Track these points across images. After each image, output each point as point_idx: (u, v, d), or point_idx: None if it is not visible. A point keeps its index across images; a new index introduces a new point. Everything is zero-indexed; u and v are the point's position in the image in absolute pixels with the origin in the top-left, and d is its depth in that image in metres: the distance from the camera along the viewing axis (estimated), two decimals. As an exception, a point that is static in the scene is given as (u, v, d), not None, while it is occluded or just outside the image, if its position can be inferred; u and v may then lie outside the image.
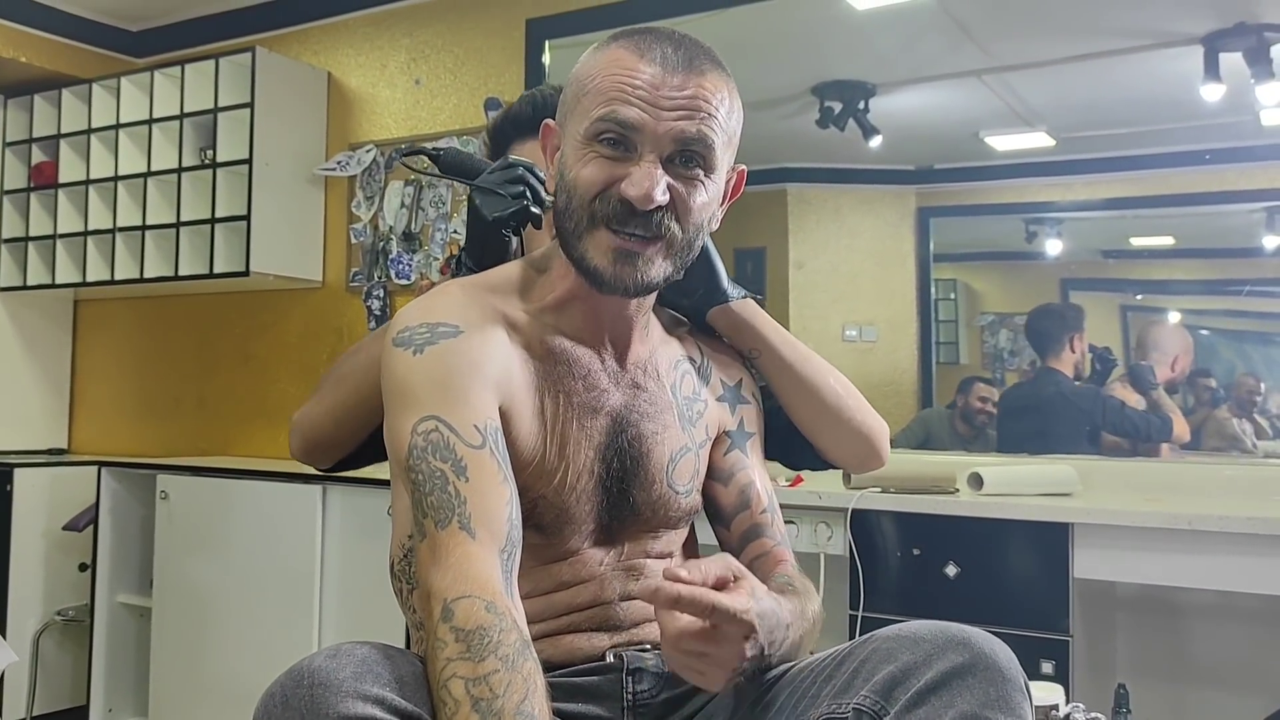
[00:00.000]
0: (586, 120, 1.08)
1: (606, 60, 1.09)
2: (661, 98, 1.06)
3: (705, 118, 1.07)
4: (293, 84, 3.71)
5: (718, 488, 1.27)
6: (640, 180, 1.06)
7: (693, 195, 1.09)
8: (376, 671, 0.93)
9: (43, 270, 4.02)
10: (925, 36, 2.96)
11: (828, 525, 2.39)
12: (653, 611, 1.17)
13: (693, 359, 1.28)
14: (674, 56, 1.07)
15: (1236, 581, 2.10)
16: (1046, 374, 2.80)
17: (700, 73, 1.08)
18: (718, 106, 1.09)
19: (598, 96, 1.08)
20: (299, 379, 3.82)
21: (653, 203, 1.06)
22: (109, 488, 3.50)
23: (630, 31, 1.11)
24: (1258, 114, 2.59)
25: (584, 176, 1.08)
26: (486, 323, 1.12)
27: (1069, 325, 2.78)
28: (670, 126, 1.06)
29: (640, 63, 1.07)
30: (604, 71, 1.08)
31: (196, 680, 3.23)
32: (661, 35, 1.10)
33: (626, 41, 1.10)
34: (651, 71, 1.07)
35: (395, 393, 1.08)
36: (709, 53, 1.12)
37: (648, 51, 1.08)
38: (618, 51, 1.09)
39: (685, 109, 1.06)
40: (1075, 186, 2.83)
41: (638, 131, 1.06)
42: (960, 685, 0.94)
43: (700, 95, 1.07)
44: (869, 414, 1.35)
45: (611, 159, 1.07)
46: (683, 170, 1.08)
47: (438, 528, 1.00)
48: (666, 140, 1.06)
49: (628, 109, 1.06)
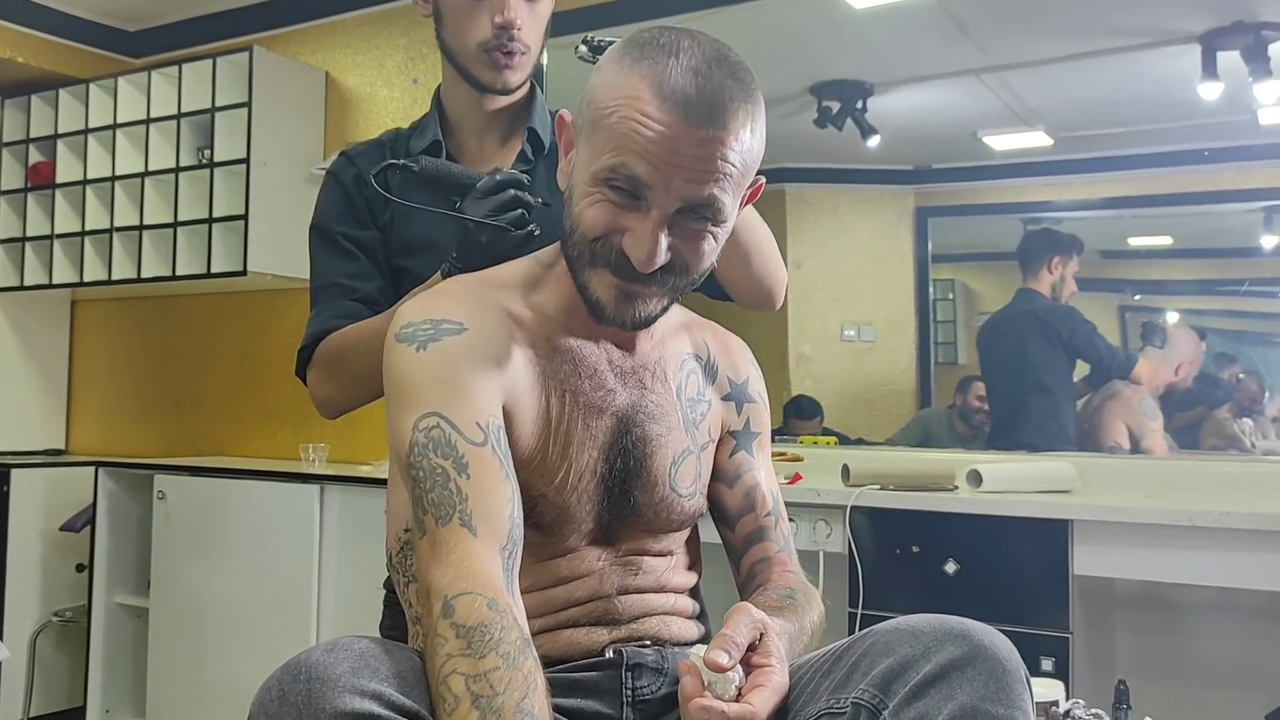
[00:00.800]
0: (597, 159, 1.03)
1: (625, 91, 1.02)
2: (676, 154, 1.00)
3: (719, 177, 1.02)
4: (290, 83, 3.71)
5: (723, 490, 1.26)
6: (642, 241, 1.03)
7: (698, 247, 1.06)
8: (375, 666, 0.92)
9: (40, 271, 4.02)
10: (923, 36, 2.96)
11: (826, 523, 2.38)
12: (651, 605, 1.17)
13: (699, 355, 1.27)
14: (696, 99, 1.00)
15: (1237, 578, 2.09)
16: (1022, 294, 2.82)
17: (722, 120, 1.01)
18: (734, 156, 1.02)
19: (610, 138, 1.02)
20: (296, 379, 3.80)
21: (653, 266, 1.04)
22: (106, 488, 3.50)
23: (653, 52, 1.03)
24: (1255, 113, 2.59)
25: (588, 218, 1.05)
26: (490, 320, 1.11)
27: (1053, 247, 2.78)
28: (681, 187, 1.01)
29: (658, 107, 1.00)
30: (620, 107, 1.02)
31: (194, 681, 3.22)
32: (686, 61, 1.01)
33: (649, 70, 1.01)
34: (668, 121, 0.99)
35: (397, 389, 1.07)
36: (735, 73, 1.03)
37: (668, 90, 1.00)
38: (638, 82, 1.01)
39: (698, 169, 1.01)
40: (1073, 186, 2.83)
41: (646, 188, 1.02)
42: (959, 677, 0.93)
43: (717, 152, 1.01)
44: (777, 268, 1.44)
45: (617, 205, 1.04)
46: (691, 224, 1.05)
47: (438, 525, 0.99)
48: (675, 199, 1.03)
49: (638, 163, 1.01)
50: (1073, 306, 2.75)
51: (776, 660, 1.03)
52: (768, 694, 1.00)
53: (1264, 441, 2.54)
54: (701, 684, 1.00)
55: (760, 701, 0.99)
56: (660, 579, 1.19)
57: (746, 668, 1.03)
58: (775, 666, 1.02)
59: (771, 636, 1.04)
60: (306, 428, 3.75)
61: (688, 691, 1.01)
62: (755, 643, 1.04)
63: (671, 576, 1.21)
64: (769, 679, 1.01)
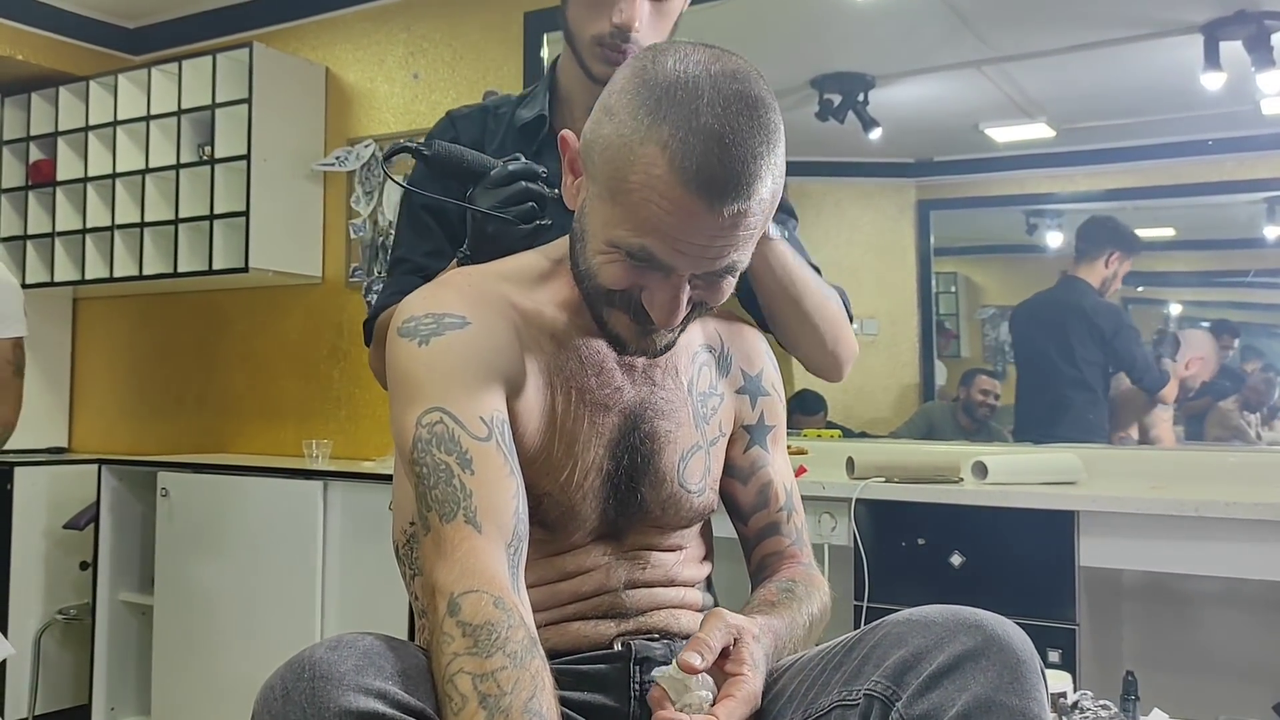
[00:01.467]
0: (615, 228, 0.99)
1: (645, 162, 0.95)
2: (699, 235, 0.96)
3: (742, 248, 1.00)
4: (290, 79, 3.70)
5: (736, 485, 1.26)
6: (664, 306, 1.02)
7: (719, 290, 1.05)
8: (379, 664, 0.91)
9: (41, 269, 4.02)
10: (924, 27, 2.96)
11: (831, 516, 2.38)
12: (660, 599, 1.17)
13: (712, 347, 1.25)
14: (721, 176, 0.94)
15: (1243, 568, 2.09)
16: (1070, 282, 2.74)
17: (747, 193, 0.95)
18: (757, 218, 0.98)
19: (630, 216, 0.97)
20: (299, 375, 3.81)
21: (674, 324, 1.04)
22: (109, 486, 3.50)
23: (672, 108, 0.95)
24: (1258, 103, 2.58)
25: (607, 274, 1.03)
26: (495, 314, 1.10)
27: (1115, 241, 2.69)
28: (707, 262, 0.99)
29: (683, 190, 0.94)
30: (641, 183, 0.96)
31: (199, 678, 3.22)
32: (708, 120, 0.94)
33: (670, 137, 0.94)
34: (692, 206, 0.94)
35: (400, 384, 1.06)
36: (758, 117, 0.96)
37: (693, 170, 0.93)
38: (658, 156, 0.95)
39: (722, 243, 0.98)
40: (1076, 178, 2.83)
41: (672, 264, 1.00)
42: (973, 668, 0.93)
43: (742, 224, 0.97)
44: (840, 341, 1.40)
45: (637, 268, 1.01)
46: (711, 278, 1.03)
47: (443, 521, 0.98)
48: (699, 269, 1.01)
49: (659, 245, 0.97)
50: (1120, 308, 2.71)
51: (749, 669, 1.02)
52: (735, 705, 1.00)
53: (1269, 432, 2.54)
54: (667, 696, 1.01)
55: (726, 713, 0.99)
56: (669, 573, 1.19)
57: (719, 675, 1.03)
58: (747, 676, 1.02)
59: (747, 643, 1.04)
60: (309, 424, 3.74)
61: (654, 699, 1.02)
62: (729, 649, 1.03)
63: (681, 570, 1.20)
64: (739, 688, 1.01)
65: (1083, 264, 2.73)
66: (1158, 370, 2.63)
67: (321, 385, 3.76)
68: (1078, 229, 2.77)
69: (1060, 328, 2.77)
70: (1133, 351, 2.68)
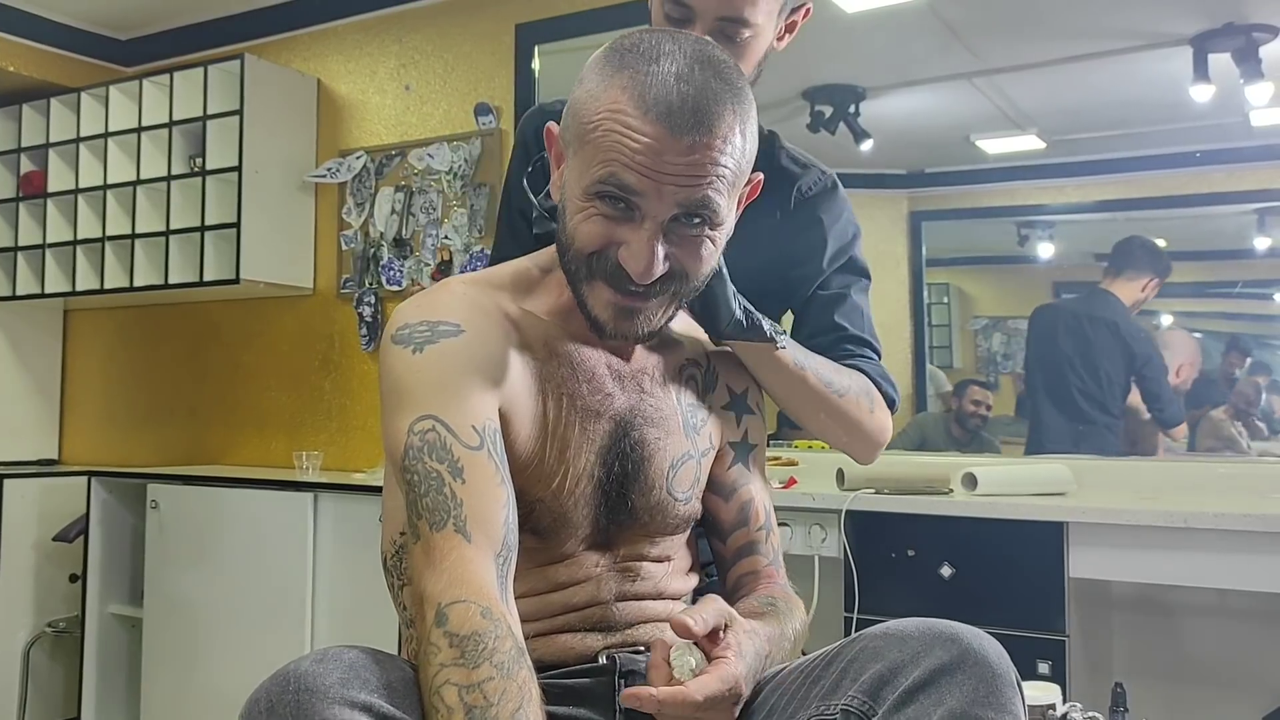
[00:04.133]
0: (587, 173, 1.03)
1: (608, 102, 1.01)
2: (664, 163, 0.99)
3: (711, 181, 1.01)
4: (282, 91, 3.70)
5: (718, 502, 1.26)
6: (639, 253, 1.02)
7: (697, 252, 1.05)
8: (365, 677, 0.91)
9: (32, 280, 4.01)
10: (915, 39, 2.97)
11: (822, 527, 2.38)
12: (648, 612, 1.17)
13: (698, 363, 1.26)
14: (679, 107, 0.99)
15: (1232, 579, 2.09)
16: (1102, 295, 2.71)
17: (708, 126, 0.99)
18: (726, 159, 1.01)
19: (597, 152, 1.01)
20: (290, 387, 3.80)
21: (651, 277, 1.03)
22: (99, 498, 3.49)
23: (634, 59, 1.01)
24: (1247, 115, 2.60)
25: (583, 232, 1.05)
26: (488, 322, 1.10)
27: (1155, 268, 2.66)
28: (674, 193, 1.00)
29: (642, 119, 0.99)
30: (604, 119, 1.01)
31: (189, 691, 3.21)
32: (668, 66, 1.00)
33: (630, 80, 1.00)
34: (653, 132, 0.99)
35: (393, 391, 1.06)
36: (721, 74, 1.02)
37: (651, 100, 0.99)
38: (619, 95, 1.00)
39: (689, 175, 1.00)
40: (1067, 189, 2.83)
41: (639, 196, 1.01)
42: (949, 682, 0.92)
43: (706, 157, 1.00)
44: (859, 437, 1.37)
45: (611, 218, 1.03)
46: (687, 230, 1.04)
47: (433, 530, 0.98)
48: (669, 206, 1.02)
49: (628, 173, 1.00)
50: (1152, 336, 2.70)
51: (733, 654, 1.02)
52: (709, 680, 0.99)
53: (1259, 443, 2.54)
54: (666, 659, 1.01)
55: (698, 685, 0.98)
56: (658, 585, 1.19)
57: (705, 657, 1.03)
58: (730, 659, 1.02)
59: (735, 630, 1.04)
60: (300, 436, 3.74)
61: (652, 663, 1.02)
62: (720, 632, 1.03)
63: (670, 582, 1.20)
64: (719, 668, 1.01)
65: (1118, 281, 2.71)
66: (1178, 406, 2.63)
67: (312, 397, 3.76)
68: (1116, 244, 2.74)
69: (1086, 339, 2.76)
70: (1160, 382, 2.66)
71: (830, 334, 1.43)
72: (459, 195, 3.49)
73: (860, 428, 1.36)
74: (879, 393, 1.39)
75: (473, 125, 3.48)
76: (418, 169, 3.57)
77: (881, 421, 1.39)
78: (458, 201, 3.50)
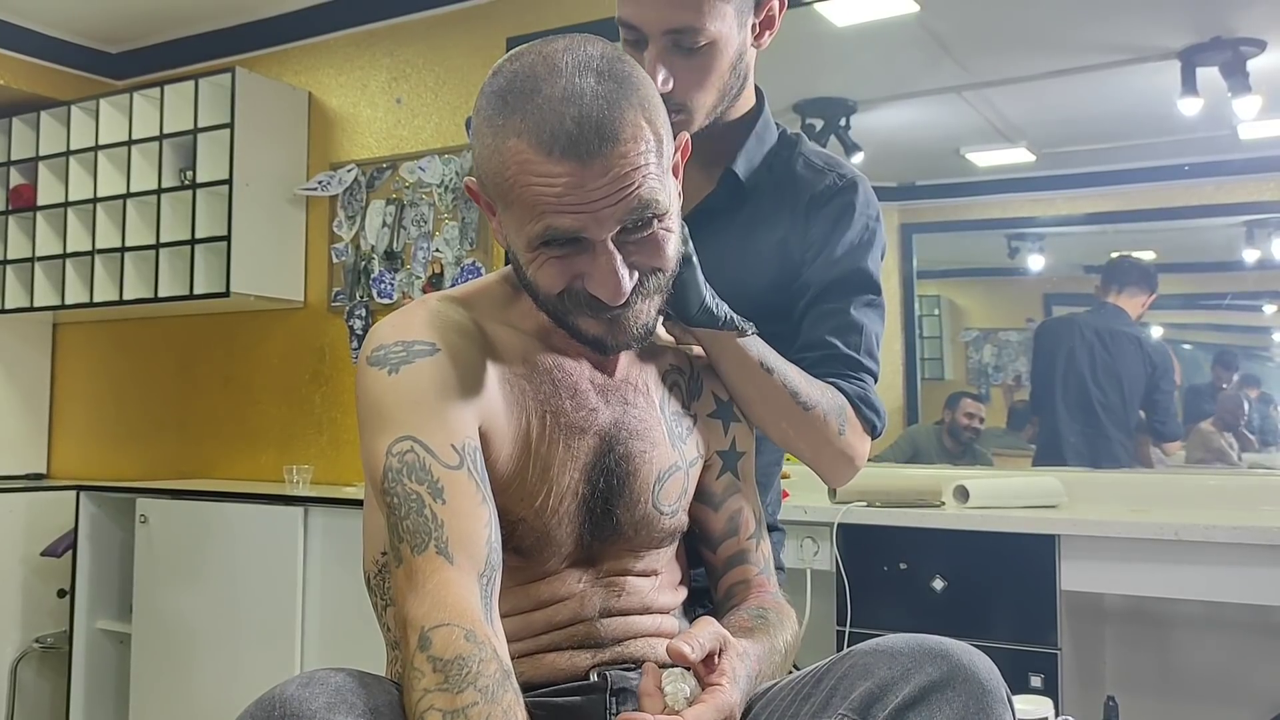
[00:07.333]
0: (523, 229, 1.01)
1: (512, 155, 0.99)
2: (589, 192, 0.97)
3: (638, 182, 0.99)
4: (273, 104, 3.70)
5: (708, 512, 1.25)
6: (604, 280, 1.01)
7: (658, 248, 1.05)
8: (351, 701, 0.90)
9: (21, 293, 4.00)
10: (905, 53, 2.98)
11: (814, 540, 2.37)
12: (635, 628, 1.16)
13: (682, 370, 1.25)
14: (578, 133, 0.96)
15: (1224, 591, 2.09)
16: (1113, 309, 2.72)
17: (613, 135, 0.97)
18: (643, 154, 0.99)
19: (524, 209, 0.99)
20: (281, 400, 3.79)
21: (623, 296, 1.03)
22: (88, 512, 3.47)
23: (516, 99, 0.99)
24: (1235, 128, 2.61)
25: (543, 279, 1.04)
26: (464, 339, 1.09)
27: (1151, 286, 2.69)
28: (610, 213, 0.99)
29: (549, 161, 0.97)
30: (516, 174, 0.99)
31: (177, 707, 3.19)
32: (551, 96, 0.97)
33: (521, 124, 0.98)
34: (566, 169, 0.97)
35: (370, 413, 1.04)
36: (599, 71, 1.00)
37: (549, 138, 0.97)
38: (517, 144, 0.98)
39: (617, 190, 0.98)
40: (1056, 202, 2.84)
41: (580, 230, 1.00)
42: (939, 699, 0.92)
43: (625, 164, 0.98)
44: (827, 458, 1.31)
45: (563, 258, 1.02)
46: (639, 234, 1.02)
47: (414, 553, 0.97)
48: (611, 225, 1.00)
49: (560, 219, 0.98)
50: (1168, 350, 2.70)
51: (727, 681, 1.01)
52: (705, 709, 0.99)
53: (1250, 454, 2.55)
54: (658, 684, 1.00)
55: (695, 715, 0.98)
56: (645, 600, 1.17)
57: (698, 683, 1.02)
58: (724, 686, 1.01)
59: (730, 656, 1.03)
60: (290, 450, 3.72)
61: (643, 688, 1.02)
62: (715, 656, 1.03)
63: (657, 597, 1.19)
64: (714, 696, 1.00)
65: (1123, 296, 2.72)
66: (1178, 422, 2.64)
67: (303, 410, 3.74)
68: (1110, 264, 2.76)
69: (1108, 352, 2.76)
70: (1169, 396, 2.67)
71: (817, 351, 1.33)
72: (450, 208, 3.49)
73: (826, 447, 1.29)
74: (857, 416, 1.31)
75: (464, 138, 3.48)
76: (409, 182, 3.57)
77: (851, 445, 1.31)
78: (449, 214, 3.49)
